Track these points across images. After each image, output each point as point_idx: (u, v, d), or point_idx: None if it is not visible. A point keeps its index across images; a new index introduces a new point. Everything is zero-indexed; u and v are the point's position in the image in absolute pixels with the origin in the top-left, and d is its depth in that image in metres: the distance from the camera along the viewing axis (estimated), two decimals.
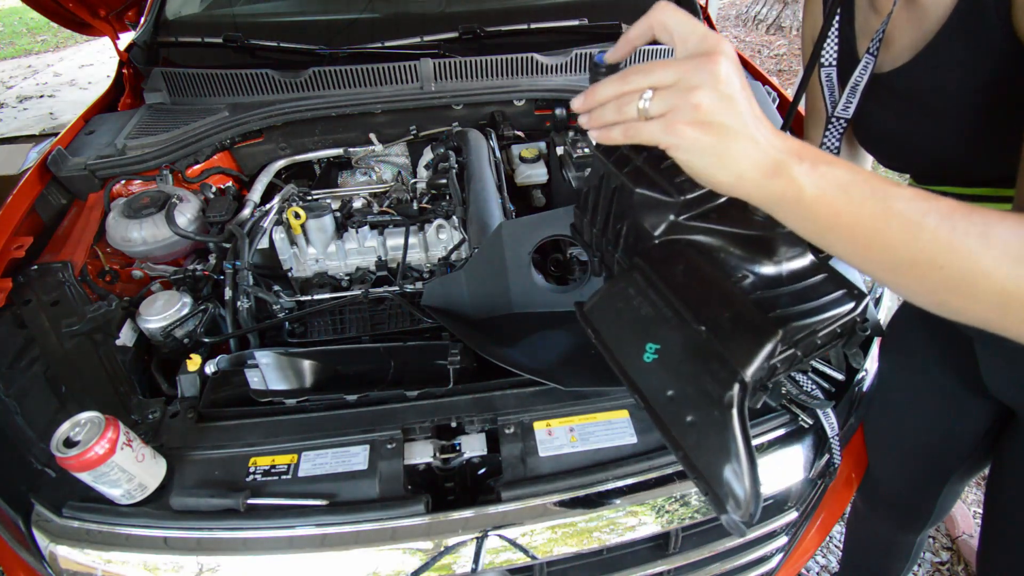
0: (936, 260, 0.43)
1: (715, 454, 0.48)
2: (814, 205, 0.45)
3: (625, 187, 0.60)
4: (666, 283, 0.56)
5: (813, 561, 1.71)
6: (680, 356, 0.53)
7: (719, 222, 0.57)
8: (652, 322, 0.56)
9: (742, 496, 0.46)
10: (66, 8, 1.61)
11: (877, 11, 0.74)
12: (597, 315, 0.61)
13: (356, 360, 1.08)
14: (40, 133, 4.72)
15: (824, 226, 0.46)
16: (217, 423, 0.92)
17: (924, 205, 0.43)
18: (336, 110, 1.48)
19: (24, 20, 8.66)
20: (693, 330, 0.52)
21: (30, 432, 0.91)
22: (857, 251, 0.46)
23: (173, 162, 1.39)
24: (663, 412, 0.52)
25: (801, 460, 0.91)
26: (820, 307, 0.52)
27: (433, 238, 1.26)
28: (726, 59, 0.44)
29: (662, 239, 0.58)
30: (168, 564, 0.79)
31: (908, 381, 1.00)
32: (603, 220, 0.68)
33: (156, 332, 1.07)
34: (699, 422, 0.50)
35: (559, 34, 1.62)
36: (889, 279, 0.47)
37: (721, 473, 0.47)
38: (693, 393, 0.51)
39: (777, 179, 0.45)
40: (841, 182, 0.44)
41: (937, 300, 0.46)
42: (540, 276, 1.14)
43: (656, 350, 0.54)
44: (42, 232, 1.26)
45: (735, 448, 0.47)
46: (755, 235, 0.55)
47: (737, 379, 0.48)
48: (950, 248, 0.42)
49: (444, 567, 0.79)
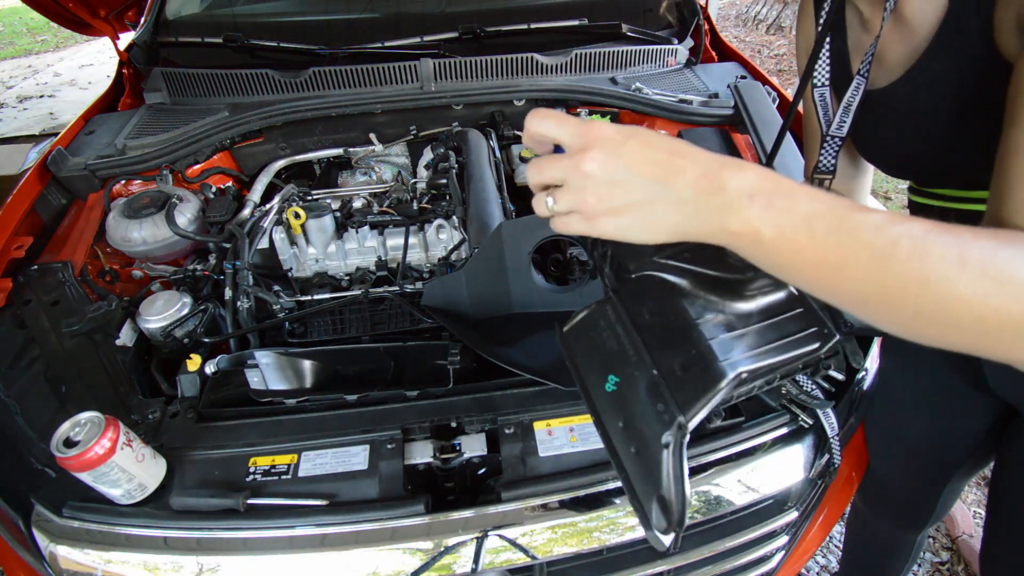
0: (909, 290, 0.40)
1: (649, 482, 0.54)
2: (774, 244, 0.42)
3: None
4: (632, 321, 0.60)
5: (813, 561, 1.71)
6: (635, 392, 0.57)
7: (692, 262, 0.59)
8: (615, 356, 0.60)
9: (663, 525, 0.53)
10: (66, 8, 1.61)
11: (868, 30, 0.75)
12: (572, 339, 0.66)
13: (356, 360, 1.08)
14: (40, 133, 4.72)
15: (787, 263, 0.43)
16: (217, 423, 0.92)
17: (894, 231, 0.40)
18: (336, 110, 1.48)
19: (24, 20, 8.66)
20: (649, 372, 0.57)
21: (30, 432, 0.91)
22: (824, 286, 0.44)
23: (173, 162, 1.39)
24: (614, 439, 0.58)
25: (801, 460, 0.91)
26: (783, 347, 0.54)
27: (433, 238, 1.26)
28: (597, 151, 0.44)
29: (637, 274, 0.61)
30: (168, 564, 0.79)
31: (909, 380, 1.00)
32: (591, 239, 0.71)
33: (156, 332, 1.07)
34: (640, 454, 0.55)
35: (559, 34, 1.62)
36: (861, 312, 0.44)
37: (651, 499, 0.54)
38: (639, 428, 0.56)
39: (727, 223, 0.43)
40: (801, 217, 0.41)
41: (913, 330, 0.43)
42: (540, 276, 1.14)
43: (616, 382, 0.59)
44: (42, 232, 1.26)
45: (665, 483, 0.53)
46: (726, 278, 0.57)
47: (676, 422, 0.53)
48: (924, 276, 0.39)
49: (444, 567, 0.79)
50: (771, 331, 0.55)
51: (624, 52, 1.61)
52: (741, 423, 0.89)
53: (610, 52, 1.60)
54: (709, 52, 1.79)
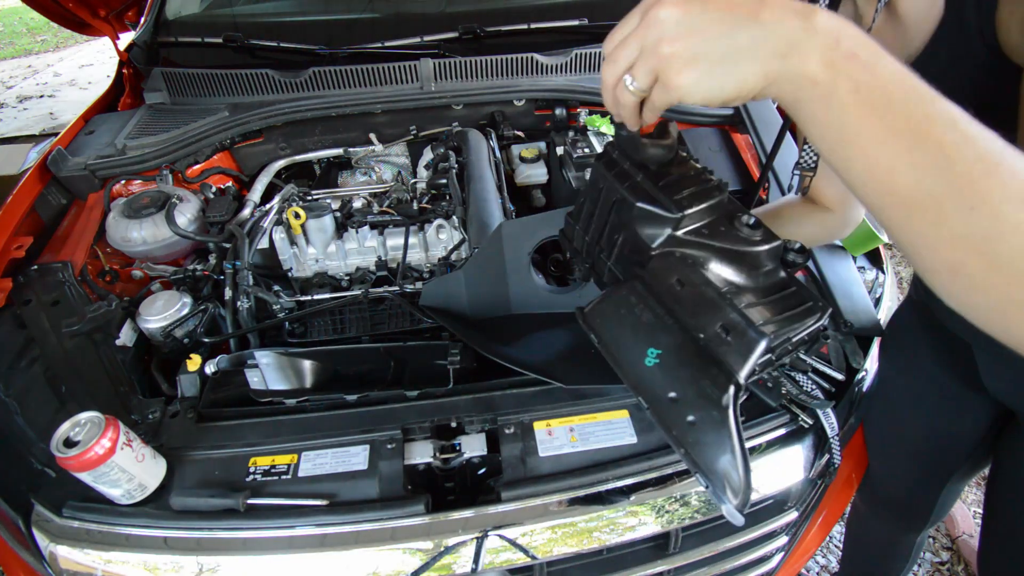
0: (965, 199, 0.35)
1: (714, 450, 0.53)
2: (845, 101, 0.38)
3: (626, 201, 0.65)
4: (666, 292, 0.60)
5: (813, 561, 1.71)
6: (680, 361, 0.57)
7: (709, 237, 0.61)
8: (653, 329, 0.60)
9: (738, 487, 0.51)
10: (66, 8, 1.61)
11: (861, 25, 0.74)
12: (598, 320, 0.65)
13: (356, 360, 1.08)
14: (40, 133, 4.72)
15: (852, 129, 0.39)
16: (217, 423, 0.92)
17: (971, 130, 0.36)
18: (336, 110, 1.48)
19: (24, 20, 8.65)
20: (692, 337, 0.57)
21: (30, 432, 0.91)
22: (875, 171, 0.39)
23: (173, 162, 1.39)
24: (665, 413, 0.57)
25: (801, 460, 0.91)
26: (793, 317, 0.56)
27: (433, 238, 1.26)
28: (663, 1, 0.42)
29: (658, 251, 0.62)
30: (168, 564, 0.79)
31: (908, 381, 1.00)
32: (598, 230, 0.72)
33: (156, 332, 1.07)
34: (699, 421, 0.54)
35: (559, 34, 1.62)
36: (901, 219, 0.39)
37: (719, 467, 0.52)
38: (693, 395, 0.55)
39: (806, 64, 0.39)
40: (883, 79, 0.37)
41: (955, 258, 0.38)
42: (540, 277, 1.14)
43: (657, 355, 0.59)
44: (42, 232, 1.26)
45: (731, 444, 0.52)
46: (739, 250, 0.59)
47: (733, 382, 0.53)
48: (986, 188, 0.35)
49: (444, 567, 0.79)
50: (780, 304, 0.57)
51: None
52: (743, 422, 0.89)
53: None
54: None
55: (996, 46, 0.57)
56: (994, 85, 0.59)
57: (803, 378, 0.87)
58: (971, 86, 0.62)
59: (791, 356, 0.62)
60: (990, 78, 0.59)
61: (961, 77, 0.62)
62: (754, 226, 0.61)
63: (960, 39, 0.61)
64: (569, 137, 1.45)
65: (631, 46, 0.45)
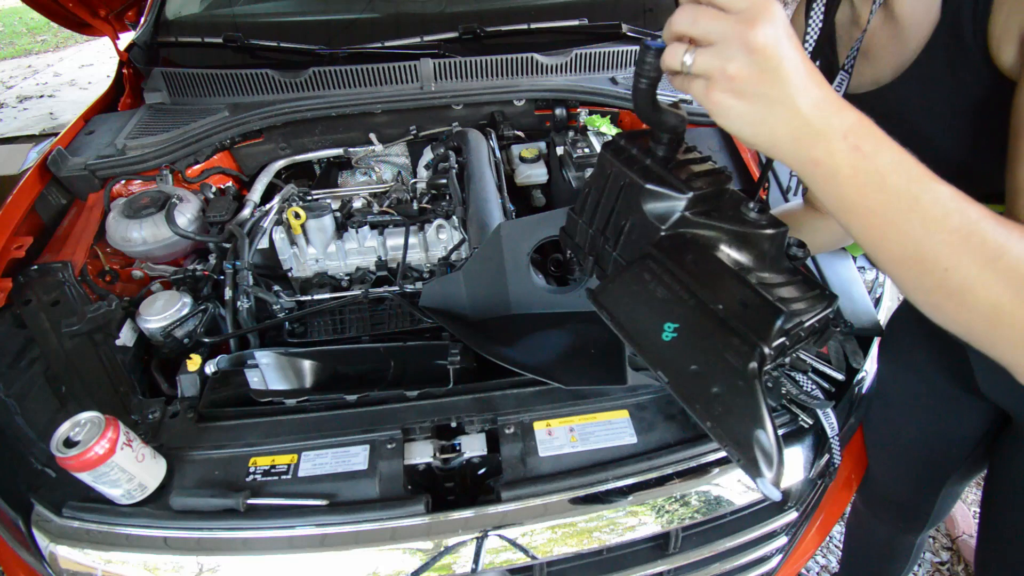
0: (942, 261, 0.44)
1: (744, 421, 0.51)
2: (846, 185, 0.45)
3: (634, 184, 0.64)
4: (680, 268, 0.59)
5: (813, 561, 1.71)
6: (700, 333, 0.56)
7: (719, 220, 0.61)
8: (669, 303, 0.59)
9: (772, 456, 0.49)
10: (66, 8, 1.61)
11: (858, 25, 0.74)
12: (610, 299, 0.64)
13: (356, 360, 1.08)
14: (40, 133, 4.72)
15: (848, 205, 0.46)
16: (217, 423, 0.92)
17: (951, 206, 0.43)
18: (336, 110, 1.48)
19: (24, 20, 8.65)
20: (711, 309, 0.56)
21: (30, 432, 0.91)
22: (870, 233, 0.47)
23: (173, 162, 1.39)
24: (688, 386, 0.55)
25: (801, 460, 0.91)
26: (804, 301, 0.56)
27: (433, 238, 1.26)
28: (768, 25, 0.42)
29: (668, 232, 0.62)
30: (168, 564, 0.79)
31: (906, 383, 1.00)
32: (604, 219, 0.71)
33: (156, 332, 1.07)
34: (724, 392, 0.53)
35: (559, 34, 1.62)
36: (891, 269, 0.48)
37: (751, 438, 0.50)
38: (717, 366, 0.54)
39: (814, 151, 0.45)
40: (879, 166, 0.44)
41: (932, 301, 0.47)
42: (540, 277, 1.14)
43: (675, 329, 0.58)
44: (42, 232, 1.26)
45: (761, 413, 0.50)
46: (747, 233, 0.59)
47: (758, 350, 0.52)
48: (960, 255, 0.43)
49: (444, 567, 0.79)
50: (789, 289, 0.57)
51: (624, 52, 1.61)
52: None
53: (610, 52, 1.60)
54: None
55: (990, 57, 0.57)
56: (989, 91, 0.58)
57: (803, 378, 0.87)
58: (967, 93, 0.62)
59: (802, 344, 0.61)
60: (986, 86, 0.59)
61: (957, 83, 0.62)
62: (760, 211, 0.61)
63: (956, 46, 0.60)
64: (569, 137, 1.45)
65: (715, 32, 0.44)
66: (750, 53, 0.42)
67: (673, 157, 0.64)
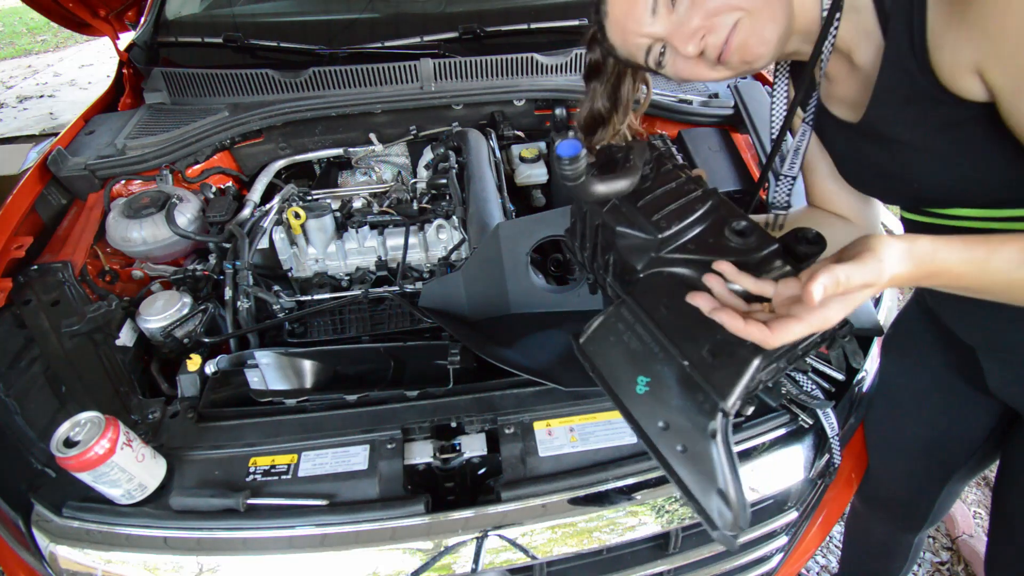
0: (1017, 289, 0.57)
1: (704, 479, 0.53)
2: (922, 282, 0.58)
3: (606, 226, 0.65)
4: (651, 318, 0.59)
5: (813, 561, 1.70)
6: (669, 389, 0.57)
7: (697, 252, 0.60)
8: (641, 356, 0.60)
9: (729, 517, 0.52)
10: (66, 8, 1.61)
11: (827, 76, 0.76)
12: (592, 348, 0.65)
13: (356, 360, 1.08)
14: (40, 133, 4.71)
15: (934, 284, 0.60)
16: (217, 423, 0.92)
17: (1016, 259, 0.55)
18: (336, 110, 1.48)
19: (24, 20, 8.65)
20: (679, 364, 0.56)
21: (30, 432, 0.91)
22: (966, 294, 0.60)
23: (173, 162, 1.39)
24: (657, 441, 0.57)
25: (801, 460, 0.91)
26: None
27: (433, 238, 1.26)
28: (887, 274, 0.53)
29: (645, 273, 0.62)
30: (168, 564, 0.79)
31: (910, 381, 1.00)
32: (591, 249, 0.72)
33: (156, 332, 1.07)
34: (688, 450, 0.55)
35: (559, 34, 1.62)
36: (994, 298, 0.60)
37: (710, 496, 0.53)
38: (682, 424, 0.55)
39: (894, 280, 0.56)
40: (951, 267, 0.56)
41: None
42: (539, 276, 1.14)
43: (647, 383, 0.59)
44: (42, 232, 1.26)
45: (721, 474, 0.52)
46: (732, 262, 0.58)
47: (719, 410, 0.53)
48: None
49: (444, 567, 0.79)
50: None
51: None
52: (741, 423, 0.89)
53: None
54: None
55: (939, 82, 0.59)
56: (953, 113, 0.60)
57: (803, 378, 0.87)
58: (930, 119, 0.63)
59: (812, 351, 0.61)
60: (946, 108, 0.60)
61: (918, 111, 0.63)
62: (744, 232, 0.60)
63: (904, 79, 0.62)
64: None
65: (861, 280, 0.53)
66: None
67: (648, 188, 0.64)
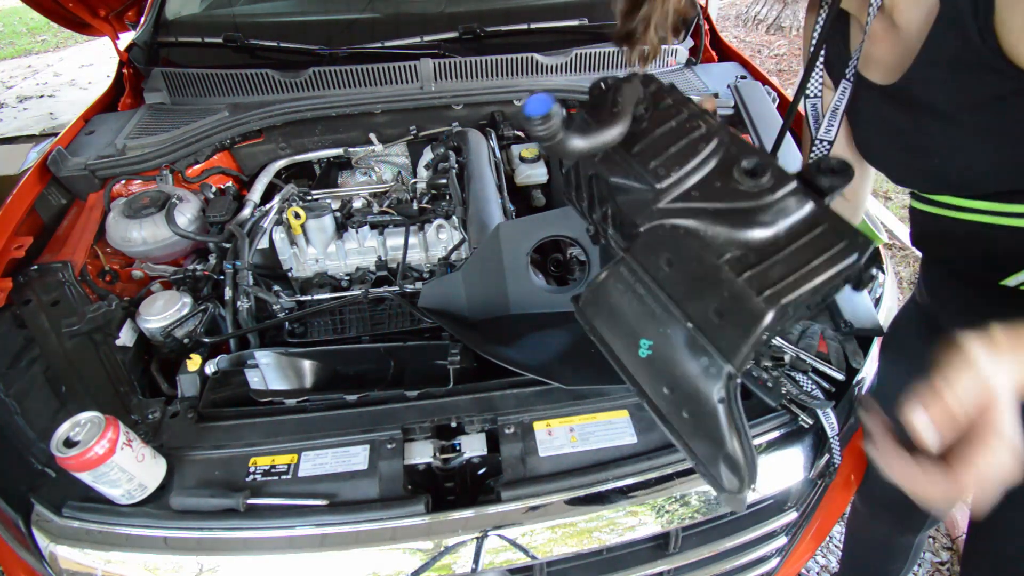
0: None
1: (711, 444, 0.51)
2: None
3: (600, 176, 0.59)
4: (652, 276, 0.54)
5: (813, 561, 1.70)
6: (672, 352, 0.53)
7: (701, 199, 0.54)
8: (642, 318, 0.55)
9: (735, 484, 0.50)
10: (66, 8, 1.61)
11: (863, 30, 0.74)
12: (591, 310, 0.61)
13: (356, 360, 1.08)
14: (40, 133, 4.71)
15: None
16: (217, 423, 0.92)
17: None
18: (336, 110, 1.48)
19: (24, 20, 8.65)
20: (681, 326, 0.52)
21: (30, 432, 0.91)
22: None
23: (173, 162, 1.39)
24: (663, 407, 0.54)
25: (801, 460, 0.91)
26: (819, 266, 0.49)
27: (433, 238, 1.26)
28: (1007, 409, 0.48)
29: (646, 226, 0.56)
30: (168, 564, 0.79)
31: (910, 382, 0.99)
32: (587, 200, 0.66)
33: (156, 332, 1.07)
34: (694, 417, 0.52)
35: (559, 34, 1.62)
36: None
37: (718, 460, 0.51)
38: (687, 390, 0.52)
39: None
40: None
41: None
42: (539, 277, 1.14)
43: (649, 346, 0.55)
44: (42, 232, 1.26)
45: (728, 440, 0.50)
46: (739, 208, 0.52)
47: (724, 374, 0.50)
48: None
49: (444, 567, 0.79)
50: (802, 253, 0.50)
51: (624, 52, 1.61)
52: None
53: (610, 52, 1.60)
54: (709, 52, 1.79)
55: (999, 51, 0.56)
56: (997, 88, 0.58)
57: (803, 378, 0.87)
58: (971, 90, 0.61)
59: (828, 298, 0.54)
60: (992, 82, 0.58)
61: (960, 81, 0.61)
62: (756, 172, 0.53)
63: (957, 44, 0.59)
64: None
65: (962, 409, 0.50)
66: (1006, 439, 0.47)
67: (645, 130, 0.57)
